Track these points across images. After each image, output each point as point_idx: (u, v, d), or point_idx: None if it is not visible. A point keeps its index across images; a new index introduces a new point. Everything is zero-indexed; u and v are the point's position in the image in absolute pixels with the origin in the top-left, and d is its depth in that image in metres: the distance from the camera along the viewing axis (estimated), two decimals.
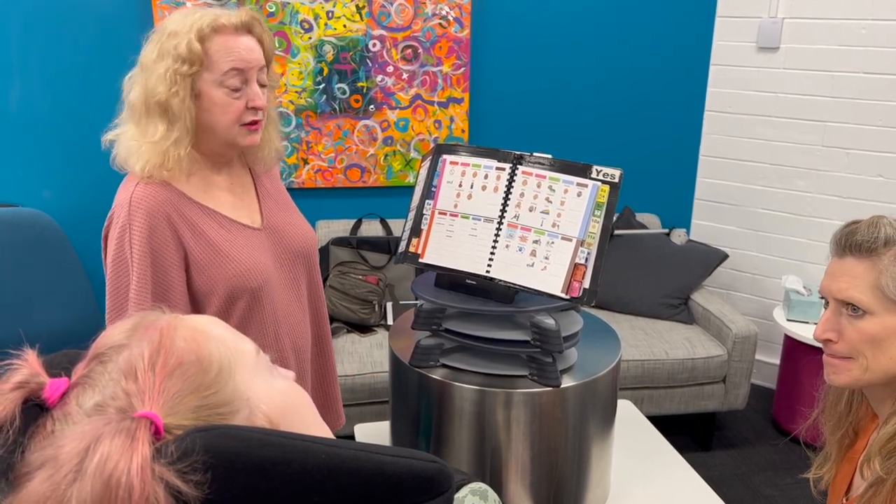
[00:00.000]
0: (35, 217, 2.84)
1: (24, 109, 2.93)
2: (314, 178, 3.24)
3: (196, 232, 1.40)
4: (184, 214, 1.39)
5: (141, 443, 0.52)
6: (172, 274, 1.38)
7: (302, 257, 1.56)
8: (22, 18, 2.85)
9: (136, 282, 1.35)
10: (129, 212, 1.35)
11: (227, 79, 1.36)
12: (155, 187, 1.37)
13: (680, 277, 3.19)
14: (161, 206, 1.37)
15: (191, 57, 1.33)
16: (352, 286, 2.96)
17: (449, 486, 0.64)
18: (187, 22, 1.34)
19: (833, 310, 1.16)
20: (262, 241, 1.48)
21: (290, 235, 1.54)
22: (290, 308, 1.53)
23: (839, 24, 3.13)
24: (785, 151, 3.36)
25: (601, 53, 3.36)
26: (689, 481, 1.58)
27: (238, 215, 1.47)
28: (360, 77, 3.16)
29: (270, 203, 1.55)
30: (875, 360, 1.12)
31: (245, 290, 1.43)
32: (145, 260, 1.35)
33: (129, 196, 1.36)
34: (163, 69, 1.33)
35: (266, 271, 1.46)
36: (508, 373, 1.33)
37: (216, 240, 1.41)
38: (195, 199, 1.42)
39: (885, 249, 1.10)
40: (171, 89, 1.33)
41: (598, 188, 1.29)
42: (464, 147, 1.42)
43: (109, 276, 1.39)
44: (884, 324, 1.10)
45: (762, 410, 3.38)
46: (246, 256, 1.43)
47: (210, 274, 1.40)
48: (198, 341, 0.62)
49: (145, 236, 1.35)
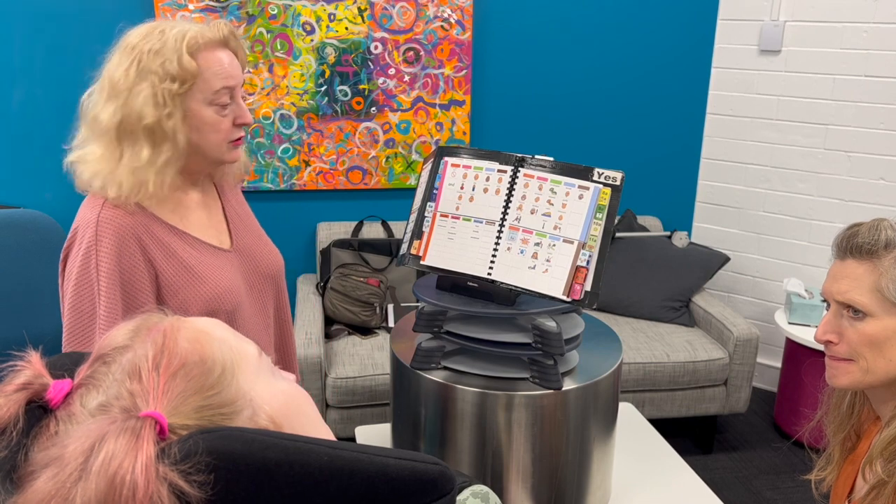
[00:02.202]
0: (37, 219, 2.85)
1: (27, 111, 2.94)
2: (316, 180, 3.24)
3: (168, 253, 1.34)
4: (154, 235, 1.33)
5: (146, 442, 0.53)
6: (142, 297, 1.31)
7: (271, 280, 1.52)
8: (24, 20, 2.86)
9: (105, 304, 1.28)
10: (97, 232, 1.28)
11: (217, 97, 1.31)
12: (123, 207, 1.30)
13: (681, 280, 3.19)
14: (130, 228, 1.30)
15: (183, 74, 1.26)
16: (353, 288, 2.96)
17: (451, 489, 0.64)
18: (169, 38, 1.27)
19: (834, 312, 1.16)
20: (232, 262, 1.43)
21: (259, 258, 1.49)
22: (257, 332, 1.48)
23: (841, 27, 3.13)
24: (786, 154, 3.37)
25: (603, 56, 3.37)
26: (691, 484, 1.58)
27: (208, 236, 1.42)
28: (362, 79, 3.16)
29: (239, 224, 1.50)
30: (875, 362, 1.12)
31: (220, 313, 1.36)
32: (114, 282, 1.28)
33: (97, 216, 1.29)
34: (149, 90, 1.26)
35: (239, 293, 1.41)
36: (510, 375, 1.33)
37: (189, 261, 1.36)
38: (164, 220, 1.35)
39: (886, 252, 1.11)
40: (163, 111, 1.26)
41: (600, 191, 1.29)
42: (465, 149, 1.42)
43: (70, 298, 1.29)
44: (884, 326, 1.10)
45: (763, 413, 3.38)
46: (219, 278, 1.38)
47: (183, 296, 1.34)
48: (201, 342, 0.62)
49: (113, 257, 1.28)
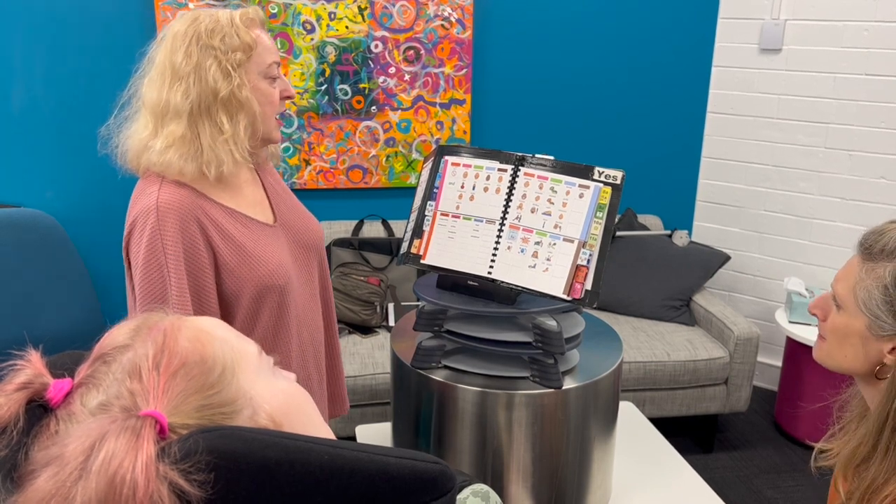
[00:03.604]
0: (38, 218, 2.85)
1: (27, 110, 2.94)
2: (316, 179, 3.24)
3: (223, 234, 1.38)
4: (210, 216, 1.37)
5: (146, 441, 0.53)
6: (205, 277, 1.36)
7: (314, 251, 1.57)
8: (25, 20, 2.86)
9: (176, 288, 1.32)
10: (158, 217, 1.32)
11: (270, 70, 1.39)
12: (179, 190, 1.34)
13: (682, 279, 3.19)
14: (190, 210, 1.34)
15: (243, 46, 1.34)
16: (353, 287, 2.96)
17: (451, 488, 0.64)
18: (220, 17, 1.35)
19: (829, 292, 1.22)
20: (279, 237, 1.49)
21: (302, 230, 1.55)
22: (307, 303, 1.54)
23: (841, 25, 3.13)
24: (787, 153, 3.36)
25: (603, 55, 3.37)
26: (691, 483, 1.58)
27: (255, 213, 1.47)
28: (362, 78, 3.16)
29: (278, 199, 1.55)
30: (834, 351, 1.18)
31: (273, 289, 1.42)
32: (181, 265, 1.32)
33: (155, 201, 1.33)
34: (216, 64, 1.32)
35: (289, 268, 1.46)
36: (510, 374, 1.33)
37: (242, 241, 1.40)
38: (216, 200, 1.40)
39: (880, 259, 1.11)
40: (234, 81, 1.33)
41: (600, 190, 1.29)
42: (466, 148, 1.42)
43: (140, 283, 1.33)
44: (848, 324, 1.15)
45: (764, 412, 3.38)
46: (270, 255, 1.43)
47: (239, 275, 1.39)
48: (201, 341, 0.62)
49: (178, 241, 1.32)
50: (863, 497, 1.10)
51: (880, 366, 1.13)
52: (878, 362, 1.13)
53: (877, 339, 1.11)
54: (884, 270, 1.10)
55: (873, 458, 1.10)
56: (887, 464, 1.08)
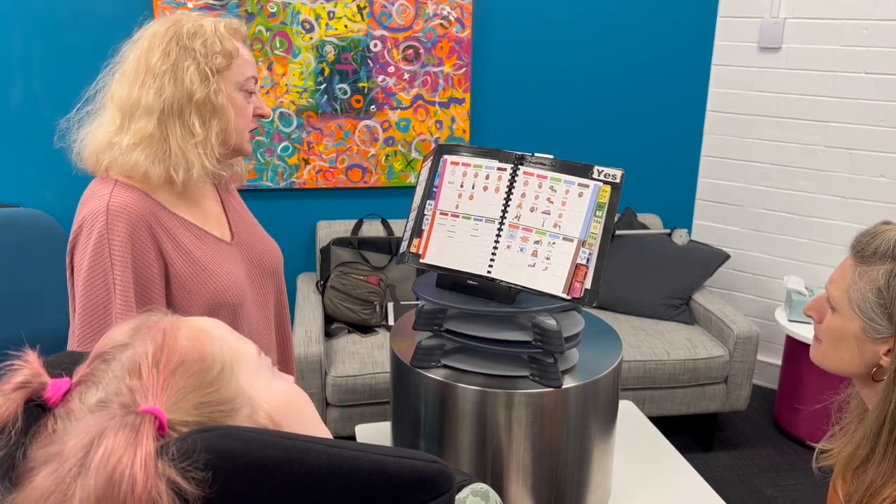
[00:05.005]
0: (36, 217, 2.84)
1: (26, 110, 2.94)
2: (315, 178, 3.24)
3: (176, 244, 1.32)
4: (164, 225, 1.31)
5: (145, 437, 0.53)
6: (153, 288, 1.29)
7: (271, 273, 1.52)
8: (24, 19, 2.86)
9: (121, 297, 1.25)
10: (108, 221, 1.25)
11: (246, 84, 1.35)
12: (132, 194, 1.28)
13: (681, 278, 3.19)
14: (142, 215, 1.27)
15: (225, 52, 1.30)
16: (353, 286, 2.96)
17: (450, 487, 0.64)
18: (203, 22, 1.32)
19: (824, 294, 1.22)
20: (235, 255, 1.43)
21: (259, 251, 1.49)
22: (259, 324, 1.48)
23: (841, 24, 3.13)
24: (787, 152, 3.36)
25: (603, 54, 3.36)
26: (691, 482, 1.58)
27: (212, 228, 1.41)
28: (362, 77, 3.16)
29: (238, 218, 1.50)
30: (830, 353, 1.18)
31: (225, 306, 1.36)
32: (128, 274, 1.25)
33: (105, 204, 1.26)
34: (194, 66, 1.28)
35: (244, 286, 1.41)
36: (510, 373, 1.33)
37: (196, 254, 1.34)
38: (172, 210, 1.34)
39: (873, 261, 1.11)
40: (211, 86, 1.29)
41: (600, 188, 1.29)
42: (465, 147, 1.41)
43: (83, 291, 1.26)
44: (843, 326, 1.15)
45: (764, 411, 3.38)
46: (225, 271, 1.37)
47: (190, 289, 1.33)
48: (201, 340, 0.62)
49: (127, 247, 1.25)
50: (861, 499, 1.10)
51: (876, 367, 1.13)
52: (874, 364, 1.13)
53: (872, 341, 1.11)
54: (877, 273, 1.10)
55: (871, 460, 1.10)
56: (885, 466, 1.08)
